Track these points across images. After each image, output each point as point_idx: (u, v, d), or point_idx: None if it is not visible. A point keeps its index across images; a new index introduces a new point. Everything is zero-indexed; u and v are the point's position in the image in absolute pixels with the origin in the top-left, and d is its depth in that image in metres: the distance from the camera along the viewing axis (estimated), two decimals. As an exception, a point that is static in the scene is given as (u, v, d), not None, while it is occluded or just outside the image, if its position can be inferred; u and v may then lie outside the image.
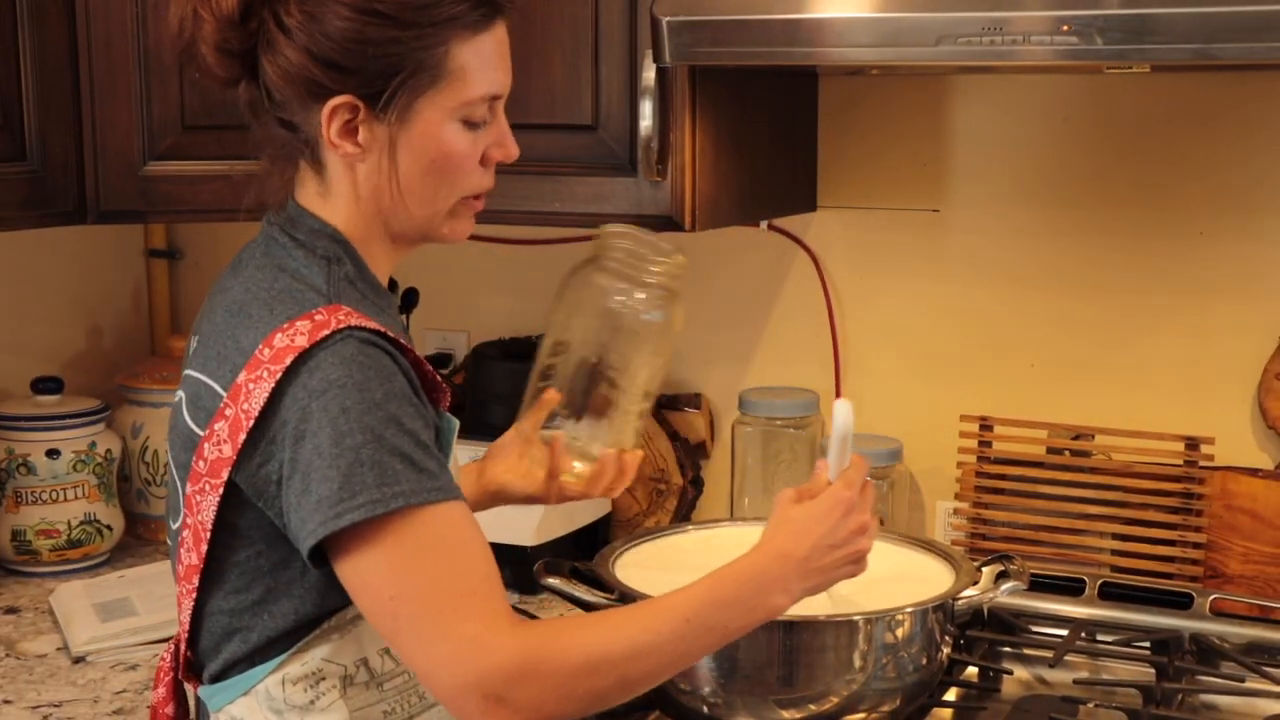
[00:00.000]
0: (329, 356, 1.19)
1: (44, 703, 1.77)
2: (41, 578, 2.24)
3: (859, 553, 1.37)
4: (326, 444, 1.17)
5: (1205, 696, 1.74)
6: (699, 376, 2.30)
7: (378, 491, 1.17)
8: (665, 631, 1.23)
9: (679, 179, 1.79)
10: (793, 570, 1.32)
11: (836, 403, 1.43)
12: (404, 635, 1.18)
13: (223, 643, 1.30)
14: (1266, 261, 1.96)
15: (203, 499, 1.25)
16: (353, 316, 1.22)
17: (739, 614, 1.29)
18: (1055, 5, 1.48)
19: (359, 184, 1.30)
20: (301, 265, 1.28)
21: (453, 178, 1.32)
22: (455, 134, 1.30)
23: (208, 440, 1.23)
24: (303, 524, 1.18)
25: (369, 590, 1.19)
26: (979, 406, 2.09)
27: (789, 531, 1.34)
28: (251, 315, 1.25)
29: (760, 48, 1.62)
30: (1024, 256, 2.08)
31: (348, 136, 1.27)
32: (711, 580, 1.29)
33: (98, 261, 2.57)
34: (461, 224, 1.36)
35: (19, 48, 1.89)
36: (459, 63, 1.28)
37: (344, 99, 1.25)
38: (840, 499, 1.36)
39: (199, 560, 1.27)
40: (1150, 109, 1.98)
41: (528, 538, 2.09)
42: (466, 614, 1.17)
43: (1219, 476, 1.95)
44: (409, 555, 1.18)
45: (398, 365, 1.23)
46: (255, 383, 1.20)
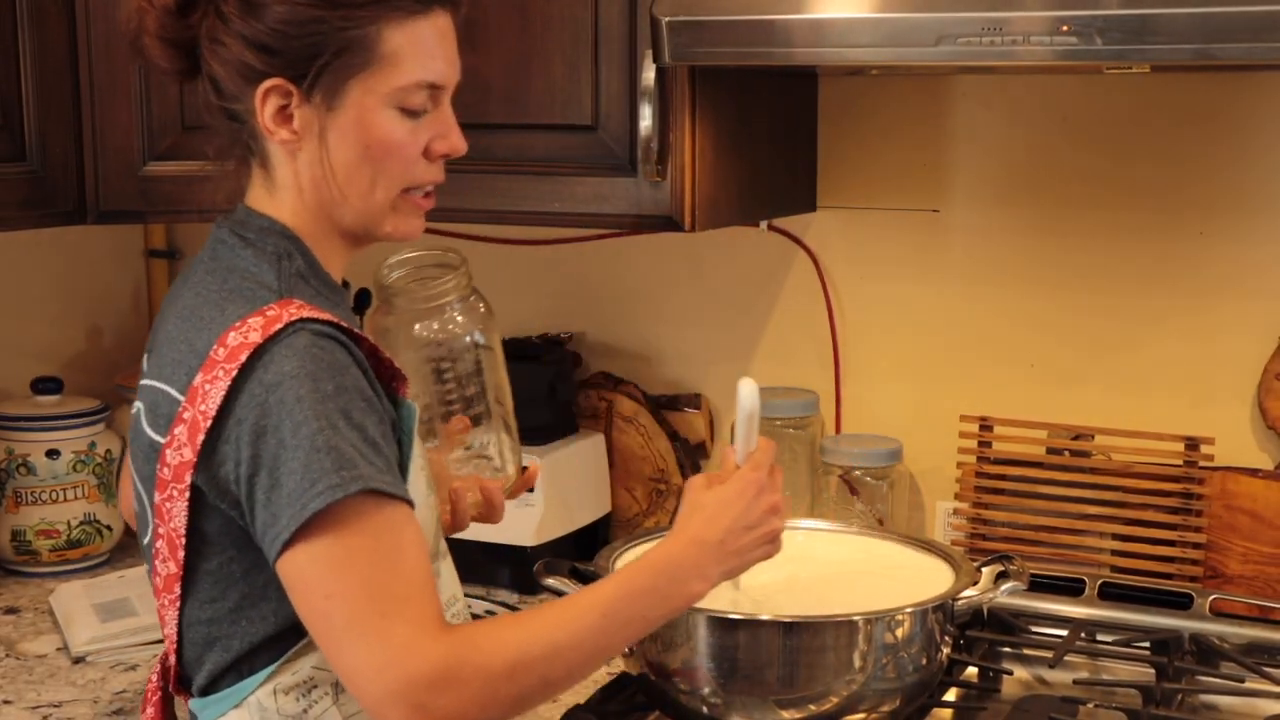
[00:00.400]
0: (282, 350, 1.19)
1: (44, 703, 1.77)
2: (41, 578, 2.24)
3: (773, 532, 1.38)
4: (287, 435, 1.17)
5: (1205, 697, 1.74)
6: (699, 376, 2.30)
7: (335, 477, 1.16)
8: (583, 628, 1.23)
9: (679, 179, 1.78)
10: (708, 555, 1.32)
11: (740, 382, 1.41)
12: (334, 637, 1.17)
13: (205, 653, 1.29)
14: (1266, 261, 1.96)
15: (172, 506, 1.24)
16: (304, 309, 1.22)
17: (656, 603, 1.29)
18: (1055, 5, 1.48)
19: (300, 174, 1.29)
20: (251, 264, 1.28)
21: (389, 167, 1.30)
22: (391, 121, 1.28)
23: (169, 446, 1.22)
24: (273, 520, 1.17)
25: (304, 584, 1.18)
26: (979, 406, 2.09)
27: (701, 518, 1.34)
28: (203, 317, 1.24)
29: (760, 48, 1.62)
30: (1024, 257, 2.08)
31: (283, 123, 1.27)
32: (626, 573, 1.30)
33: (98, 261, 2.57)
34: (407, 220, 1.34)
35: (19, 48, 1.89)
36: (390, 47, 1.27)
37: (275, 82, 1.25)
38: (750, 481, 1.36)
39: (178, 568, 1.26)
40: (1150, 109, 1.99)
41: (528, 538, 2.09)
42: (397, 618, 1.16)
43: (1219, 477, 1.95)
44: (349, 551, 1.16)
45: (352, 357, 1.22)
46: (211, 383, 1.19)
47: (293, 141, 1.28)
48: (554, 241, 2.34)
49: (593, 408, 2.31)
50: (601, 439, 2.27)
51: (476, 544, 2.07)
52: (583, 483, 2.22)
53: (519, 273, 2.39)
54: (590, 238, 2.31)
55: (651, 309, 2.31)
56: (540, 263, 2.37)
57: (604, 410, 2.31)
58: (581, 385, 2.32)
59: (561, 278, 2.37)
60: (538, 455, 2.10)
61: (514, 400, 2.15)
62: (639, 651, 1.60)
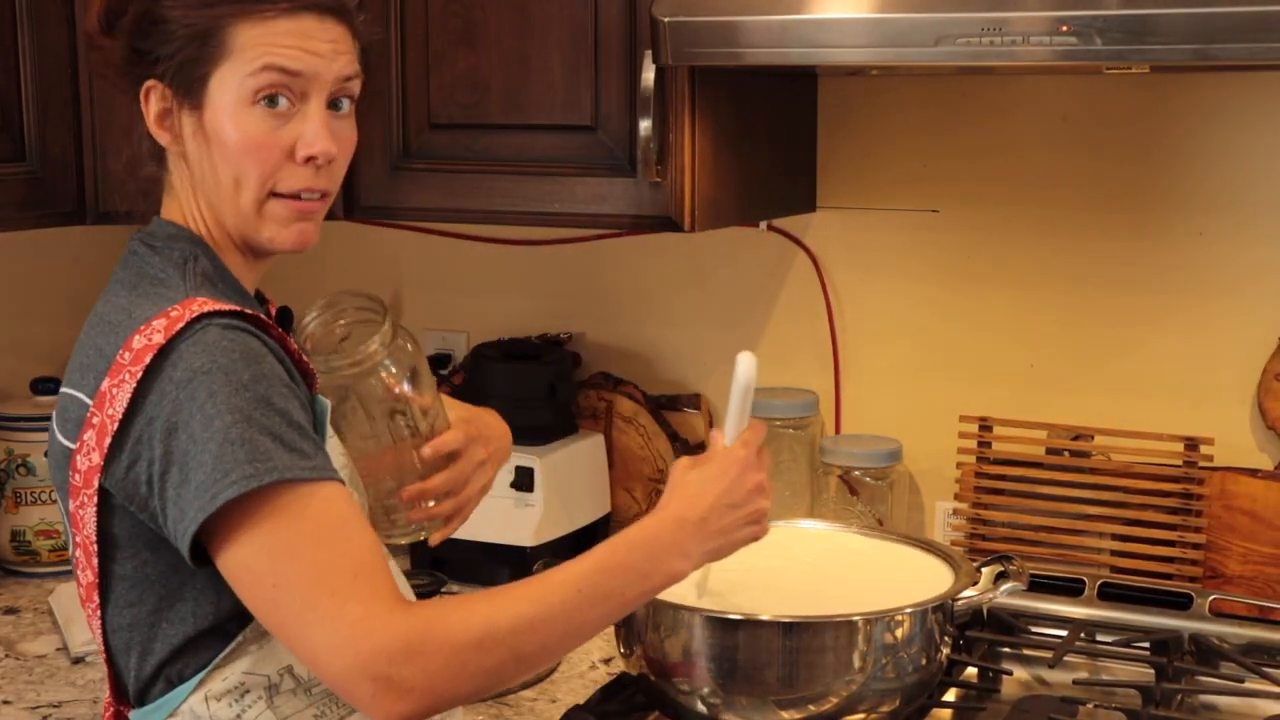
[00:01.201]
0: (190, 347, 1.18)
1: (44, 703, 1.77)
2: (41, 578, 2.24)
3: (758, 512, 1.35)
4: (199, 430, 1.15)
5: (1204, 697, 1.74)
6: (698, 376, 2.30)
7: (250, 468, 1.14)
8: (555, 603, 1.21)
9: (678, 179, 1.78)
10: (689, 533, 1.30)
11: (739, 355, 1.39)
12: (289, 624, 1.16)
13: (129, 659, 1.27)
14: (1266, 262, 1.96)
15: (84, 512, 1.23)
16: (208, 304, 1.21)
17: (633, 580, 1.27)
18: (1054, 6, 1.48)
19: (188, 179, 1.30)
20: (158, 269, 1.28)
21: (248, 166, 1.26)
22: (250, 118, 1.26)
23: (79, 452, 1.21)
24: (181, 515, 1.16)
25: (250, 577, 1.17)
26: (978, 407, 2.09)
27: (684, 495, 1.33)
28: (111, 322, 1.24)
29: (760, 48, 1.62)
30: (1023, 257, 2.08)
31: (166, 126, 1.28)
32: (604, 549, 1.27)
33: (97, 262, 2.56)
34: (284, 228, 1.29)
35: (18, 49, 1.89)
36: (241, 42, 1.25)
37: (150, 83, 1.27)
38: (735, 459, 1.35)
39: (95, 576, 1.25)
40: (1149, 109, 1.99)
41: (527, 538, 2.09)
42: (349, 596, 1.14)
43: (1218, 477, 1.95)
44: (288, 538, 1.15)
45: (265, 345, 1.21)
46: (118, 387, 1.18)
47: (174, 144, 1.29)
48: (554, 241, 2.34)
49: (592, 408, 2.31)
50: (601, 439, 2.27)
51: (476, 544, 2.07)
52: (582, 483, 2.22)
53: (519, 273, 2.39)
54: (590, 238, 2.31)
55: (651, 309, 2.31)
56: (540, 263, 2.37)
57: (604, 410, 2.31)
58: (581, 385, 2.32)
59: (561, 278, 2.37)
60: (537, 455, 2.11)
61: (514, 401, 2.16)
62: (639, 651, 1.60)
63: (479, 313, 2.43)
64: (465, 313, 2.44)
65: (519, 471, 2.10)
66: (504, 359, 2.23)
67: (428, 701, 1.15)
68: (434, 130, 1.92)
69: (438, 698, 1.15)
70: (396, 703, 1.14)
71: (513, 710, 1.72)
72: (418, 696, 1.14)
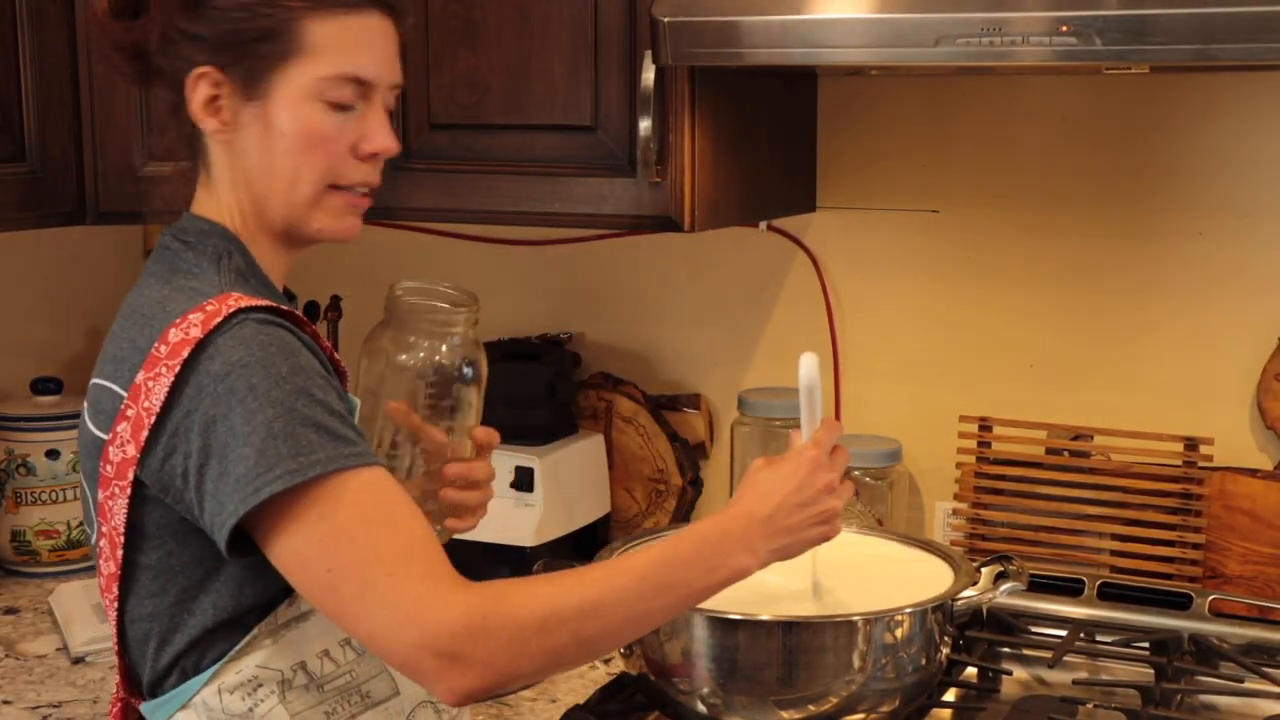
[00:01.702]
0: (227, 341, 1.18)
1: (44, 703, 1.77)
2: (41, 578, 2.24)
3: (829, 512, 1.36)
4: (239, 423, 1.16)
5: (1204, 697, 1.74)
6: (698, 377, 2.30)
7: (294, 462, 1.15)
8: (619, 588, 1.22)
9: (678, 179, 1.79)
10: (757, 530, 1.31)
11: (801, 358, 1.40)
12: (347, 607, 1.16)
13: (146, 650, 1.28)
14: (1265, 262, 1.96)
15: (113, 504, 1.24)
16: (244, 299, 1.22)
17: (700, 573, 1.27)
18: (1054, 6, 1.48)
19: (233, 169, 1.30)
20: (192, 265, 1.28)
21: (311, 160, 1.28)
22: (317, 115, 1.28)
23: (111, 443, 1.22)
24: (220, 508, 1.17)
25: (304, 566, 1.17)
26: (978, 407, 2.09)
27: (754, 493, 1.33)
28: (145, 315, 1.24)
29: (759, 48, 1.62)
30: (1023, 257, 2.08)
31: (213, 113, 1.28)
32: (672, 540, 1.28)
33: (97, 262, 2.57)
34: (336, 220, 1.32)
35: (19, 49, 1.89)
36: (314, 40, 1.26)
37: (204, 69, 1.26)
38: (805, 458, 1.35)
39: (117, 568, 1.26)
40: (1149, 109, 1.99)
41: (527, 538, 2.09)
42: (407, 575, 1.15)
43: (1218, 477, 1.95)
44: (338, 524, 1.16)
45: (300, 340, 1.22)
46: (154, 380, 1.19)
47: (222, 132, 1.29)
48: (554, 242, 2.34)
49: (592, 408, 2.31)
50: (601, 439, 2.27)
51: (476, 544, 2.07)
52: (582, 483, 2.22)
53: (519, 273, 2.39)
54: (590, 238, 2.31)
55: (651, 309, 2.32)
56: (540, 263, 2.37)
57: (603, 410, 2.31)
58: (581, 385, 2.32)
59: (561, 278, 2.37)
60: (537, 455, 2.11)
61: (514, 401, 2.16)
62: (639, 651, 1.61)
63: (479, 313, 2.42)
64: (465, 313, 2.43)
65: (519, 471, 2.10)
66: (504, 359, 2.23)
67: (490, 677, 1.16)
68: (434, 130, 1.92)
69: (500, 674, 1.16)
70: (460, 678, 1.15)
71: (512, 710, 1.72)
72: (480, 672, 1.15)
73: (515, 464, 2.10)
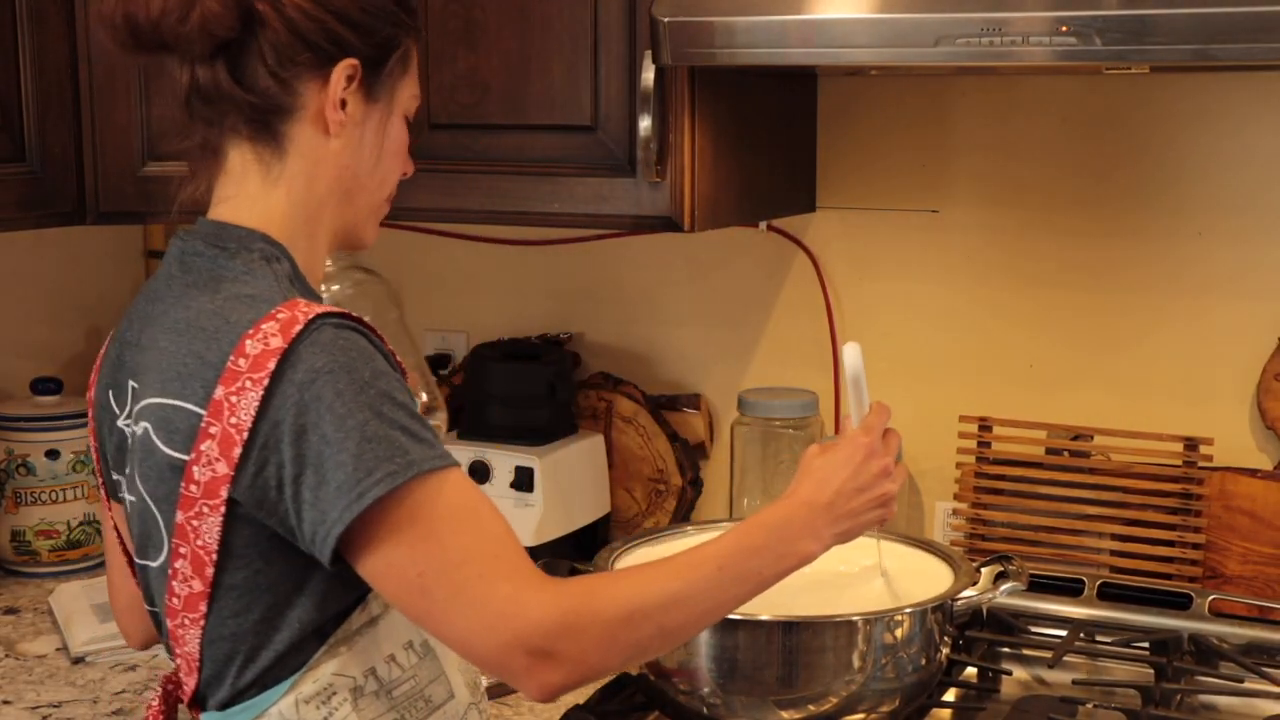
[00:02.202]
0: (308, 348, 1.17)
1: (44, 703, 1.78)
2: (41, 578, 2.24)
3: (886, 495, 1.40)
4: (330, 430, 1.15)
5: (1204, 697, 1.75)
6: (698, 377, 2.30)
7: (391, 464, 1.15)
8: (698, 580, 1.24)
9: (678, 180, 1.79)
10: (819, 516, 1.34)
11: (845, 347, 1.46)
12: (438, 609, 1.16)
13: (227, 669, 1.26)
14: (1265, 262, 1.96)
15: (201, 523, 1.21)
16: (314, 306, 1.21)
17: (770, 560, 1.30)
18: (1054, 6, 1.48)
19: (327, 161, 1.28)
20: (240, 271, 1.25)
21: (394, 171, 1.35)
22: (404, 128, 1.34)
23: (196, 463, 1.20)
24: (323, 516, 1.16)
25: (394, 571, 1.17)
26: (978, 407, 2.09)
27: (812, 480, 1.37)
28: (206, 329, 1.22)
29: (759, 48, 1.62)
30: (1023, 257, 2.08)
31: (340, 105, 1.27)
32: (741, 530, 1.31)
33: (97, 262, 2.57)
34: (375, 230, 1.38)
35: (19, 48, 1.89)
36: (414, 59, 1.33)
37: (354, 61, 1.26)
38: (859, 444, 1.39)
39: (205, 586, 1.23)
40: (1149, 110, 1.99)
41: (527, 538, 2.09)
42: (497, 576, 1.16)
43: (1218, 477, 1.96)
44: (429, 528, 1.16)
45: (374, 345, 1.22)
46: (239, 394, 1.17)
47: (339, 126, 1.28)
48: (554, 242, 2.34)
49: (592, 408, 2.31)
50: (601, 439, 2.27)
51: (476, 544, 2.07)
52: (582, 483, 2.22)
53: (519, 273, 2.39)
54: (590, 238, 2.31)
55: (651, 309, 2.32)
56: (540, 263, 2.37)
57: (603, 410, 2.31)
58: (581, 385, 2.32)
59: (561, 278, 2.37)
60: (537, 455, 2.11)
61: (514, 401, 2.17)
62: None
63: (479, 313, 2.43)
64: (465, 313, 2.44)
65: (519, 471, 2.10)
66: (504, 359, 2.23)
67: (580, 673, 1.18)
68: (434, 130, 1.92)
69: (589, 669, 1.18)
70: (550, 674, 1.16)
71: (512, 710, 1.72)
72: (570, 668, 1.17)
73: (515, 464, 2.10)
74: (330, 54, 1.25)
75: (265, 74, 1.24)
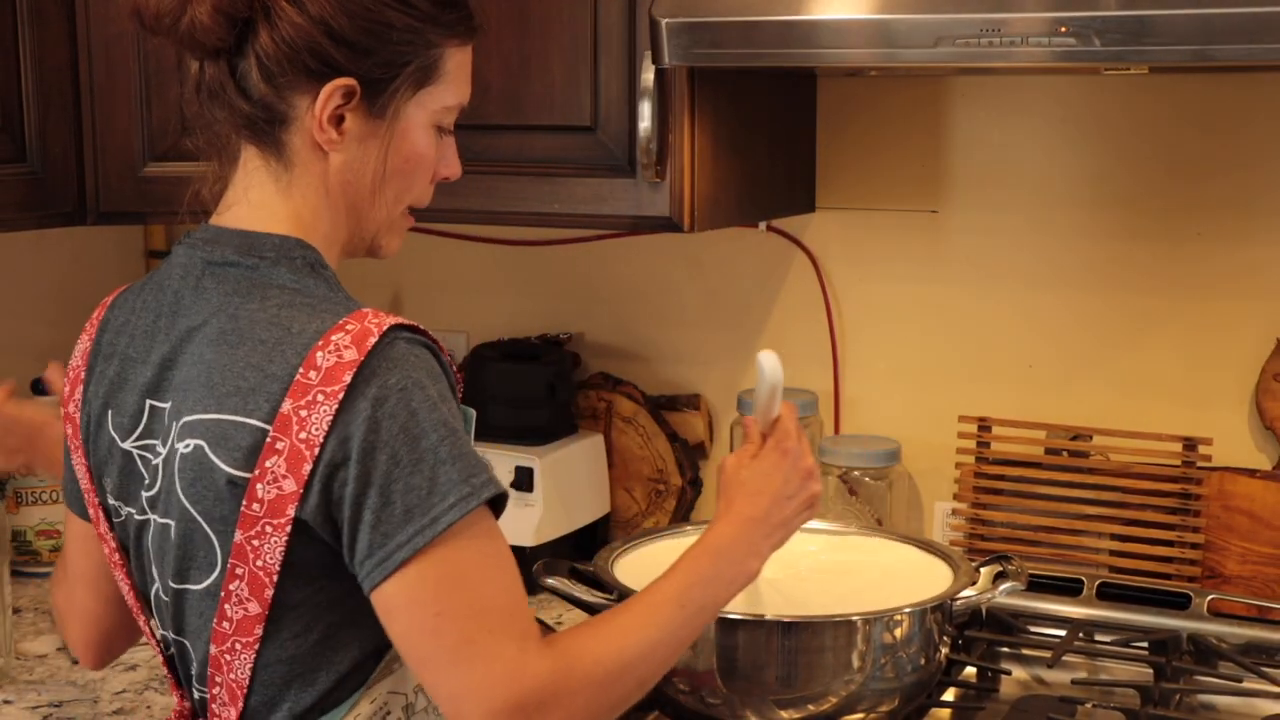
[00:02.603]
0: (381, 362, 1.14)
1: (44, 703, 1.78)
2: (41, 578, 2.24)
3: (812, 497, 1.39)
4: (404, 451, 1.12)
5: (1203, 697, 1.75)
6: (698, 377, 2.30)
7: (466, 486, 1.13)
8: (665, 623, 1.24)
9: (678, 180, 1.79)
10: (758, 531, 1.34)
11: (761, 355, 1.39)
12: (441, 655, 1.13)
13: (282, 693, 1.22)
14: (1264, 262, 1.96)
15: (262, 542, 1.16)
16: (382, 316, 1.17)
17: (722, 587, 1.30)
18: (1053, 7, 1.48)
19: (329, 175, 1.25)
20: (288, 279, 1.22)
21: (414, 182, 1.30)
22: (428, 139, 1.29)
23: (259, 480, 1.15)
24: (385, 539, 1.12)
25: (416, 606, 1.13)
26: (977, 407, 2.09)
27: (745, 494, 1.35)
28: (265, 340, 1.17)
29: (759, 49, 1.62)
30: (1022, 257, 2.08)
31: (334, 123, 1.23)
32: (689, 562, 1.29)
33: (98, 262, 2.57)
34: (397, 239, 1.34)
35: (19, 48, 1.89)
36: (449, 67, 1.27)
37: (346, 81, 1.21)
38: (785, 450, 1.37)
39: (263, 608, 1.18)
40: (1148, 110, 1.99)
41: (527, 538, 2.09)
42: (504, 633, 1.13)
43: (1217, 477, 1.96)
44: (463, 567, 1.13)
45: (439, 362, 1.19)
46: (309, 408, 1.13)
47: (337, 143, 1.24)
48: (554, 242, 2.34)
49: (592, 408, 2.31)
50: (601, 439, 2.27)
51: (476, 544, 2.07)
52: (582, 483, 2.22)
53: (519, 273, 2.39)
54: (590, 238, 2.31)
55: (651, 309, 2.32)
56: (540, 263, 2.38)
57: (603, 411, 2.31)
58: (581, 386, 2.32)
59: (561, 278, 2.37)
60: (536, 456, 2.11)
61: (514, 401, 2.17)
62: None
63: (479, 313, 2.43)
64: (465, 313, 2.44)
65: (519, 471, 2.10)
66: (504, 359, 2.23)
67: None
68: (434, 131, 1.91)
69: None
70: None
71: None
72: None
73: (515, 464, 2.10)
74: (321, 73, 1.21)
75: (260, 82, 1.22)
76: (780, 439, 1.38)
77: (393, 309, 2.48)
